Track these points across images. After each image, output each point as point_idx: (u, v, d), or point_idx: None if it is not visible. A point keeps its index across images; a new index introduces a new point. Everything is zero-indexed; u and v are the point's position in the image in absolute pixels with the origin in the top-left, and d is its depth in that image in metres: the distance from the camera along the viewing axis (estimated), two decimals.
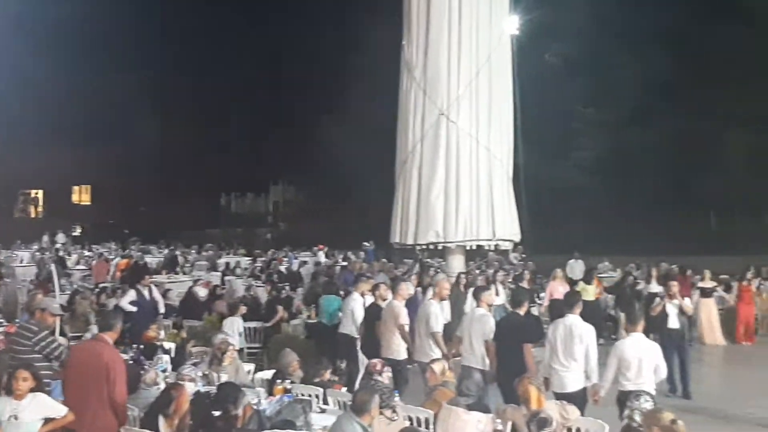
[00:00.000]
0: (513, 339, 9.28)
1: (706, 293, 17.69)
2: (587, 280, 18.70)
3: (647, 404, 7.12)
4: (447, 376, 8.39)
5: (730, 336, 18.04)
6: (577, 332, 8.65)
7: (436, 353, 9.94)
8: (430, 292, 12.49)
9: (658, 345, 8.84)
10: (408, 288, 12.16)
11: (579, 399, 8.33)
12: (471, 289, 12.46)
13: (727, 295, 19.20)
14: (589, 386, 8.51)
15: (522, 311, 9.74)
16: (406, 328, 10.59)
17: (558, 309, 10.40)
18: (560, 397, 8.49)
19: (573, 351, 8.61)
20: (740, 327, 18.05)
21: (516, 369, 8.62)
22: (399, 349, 10.54)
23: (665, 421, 5.93)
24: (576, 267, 23.33)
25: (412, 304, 11.94)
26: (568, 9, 34.92)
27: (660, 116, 35.55)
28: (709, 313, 17.67)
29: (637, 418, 6.87)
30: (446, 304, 13.32)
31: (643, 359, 8.36)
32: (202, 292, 16.96)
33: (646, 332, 8.94)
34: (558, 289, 16.34)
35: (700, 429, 8.91)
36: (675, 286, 13.68)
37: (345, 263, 24.33)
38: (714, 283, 18.42)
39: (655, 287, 17.30)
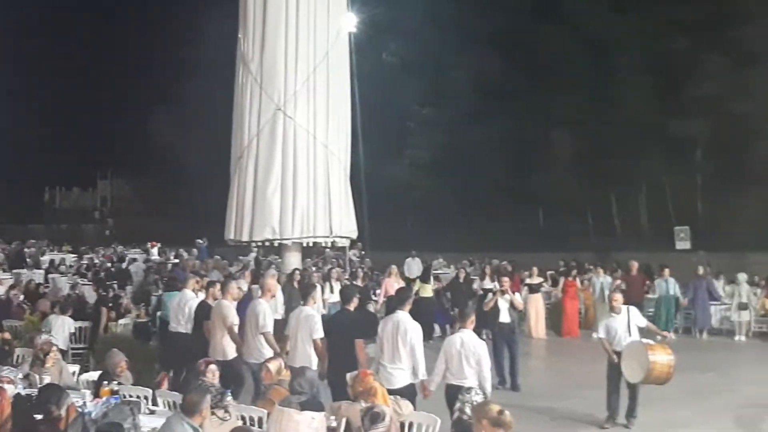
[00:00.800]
0: (344, 335, 9.35)
1: (533, 289, 18.48)
2: (424, 278, 19.14)
3: (478, 397, 7.26)
4: (283, 375, 8.28)
5: (556, 330, 18.90)
6: (403, 328, 8.71)
7: (267, 353, 9.82)
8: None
9: (491, 340, 9.16)
10: (239, 287, 11.98)
11: (407, 395, 8.41)
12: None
13: (554, 290, 20.09)
14: (418, 382, 8.65)
15: (352, 307, 9.83)
16: (236, 329, 10.43)
17: (392, 305, 10.53)
18: (388, 393, 8.49)
19: (399, 347, 8.67)
20: (566, 321, 18.96)
21: (347, 365, 8.70)
22: (227, 350, 10.36)
23: (493, 413, 6.04)
24: (413, 265, 23.84)
25: (247, 303, 11.75)
26: (406, 9, 35.49)
27: (492, 117, 36.40)
28: (537, 308, 18.46)
29: (468, 411, 7.00)
30: (280, 301, 13.23)
31: (468, 356, 8.62)
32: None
33: (481, 327, 9.21)
34: (393, 285, 16.63)
35: (526, 420, 9.24)
36: (506, 282, 14.23)
37: (176, 260, 23.78)
38: (541, 279, 19.28)
39: (488, 283, 17.98)
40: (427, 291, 18.77)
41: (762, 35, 29.96)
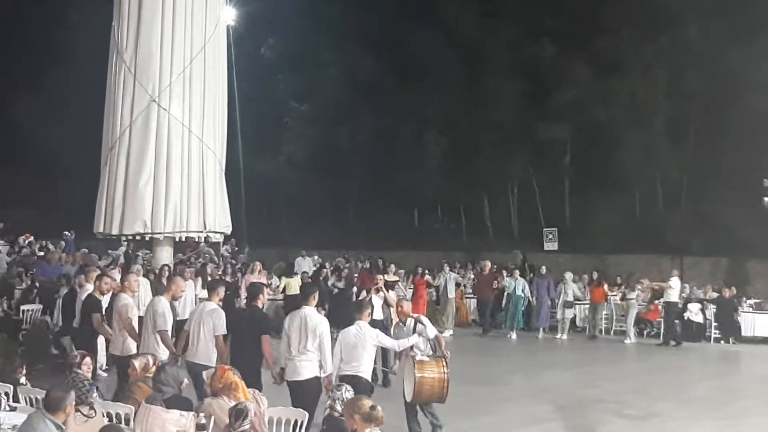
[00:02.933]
0: (249, 331, 9.33)
1: (389, 286, 18.88)
2: (289, 273, 19.31)
3: (348, 393, 7.39)
4: (150, 372, 8.18)
5: None
6: (312, 323, 8.91)
7: (162, 351, 9.71)
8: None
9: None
10: (137, 281, 11.79)
11: (312, 386, 8.76)
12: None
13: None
14: (323, 376, 8.85)
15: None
16: (134, 323, 10.30)
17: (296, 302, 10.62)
18: (294, 384, 8.85)
19: (308, 341, 8.85)
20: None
21: (250, 361, 8.82)
22: (124, 346, 10.18)
23: (365, 408, 6.21)
24: (303, 264, 24.10)
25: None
26: (285, 3, 35.21)
27: (366, 115, 36.66)
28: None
29: (338, 407, 7.12)
30: (143, 298, 12.98)
31: (365, 345, 9.04)
32: None
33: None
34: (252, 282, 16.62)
35: (398, 414, 9.45)
36: (381, 279, 14.54)
37: (42, 253, 22.94)
38: (396, 278, 19.69)
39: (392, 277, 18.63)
40: (293, 287, 19.02)
41: (624, 45, 31.53)
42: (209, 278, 16.52)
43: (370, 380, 9.19)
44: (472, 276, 23.39)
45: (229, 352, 9.33)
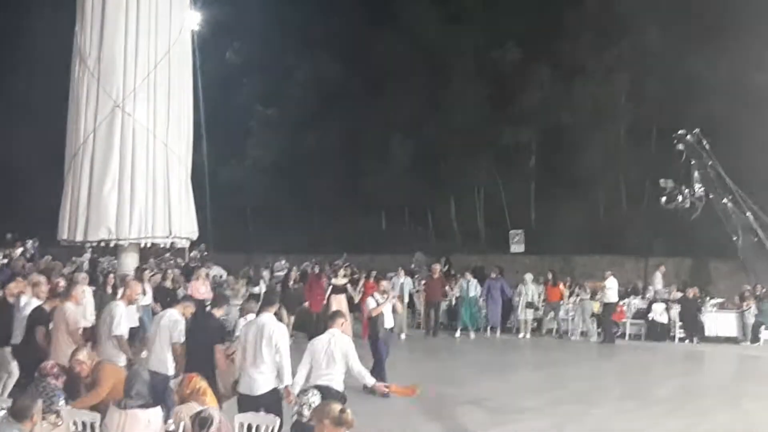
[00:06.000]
0: (202, 340, 9.27)
1: (337, 290, 18.91)
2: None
3: (315, 398, 7.34)
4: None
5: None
6: (268, 332, 8.47)
7: (120, 357, 9.60)
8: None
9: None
10: (83, 290, 11.73)
11: (270, 401, 8.28)
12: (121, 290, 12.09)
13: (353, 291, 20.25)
14: (282, 387, 8.35)
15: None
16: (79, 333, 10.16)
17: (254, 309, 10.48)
18: (249, 400, 8.34)
19: (263, 351, 8.41)
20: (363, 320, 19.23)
21: (205, 370, 8.51)
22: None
23: (334, 412, 6.17)
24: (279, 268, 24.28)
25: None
26: (249, 8, 35.13)
27: (332, 119, 36.64)
28: (340, 308, 18.40)
29: (306, 412, 7.08)
30: (89, 308, 12.83)
31: (335, 355, 8.51)
32: None
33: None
34: (200, 289, 16.60)
35: (371, 415, 9.43)
36: (382, 285, 15.43)
37: (5, 260, 22.56)
38: (346, 281, 19.74)
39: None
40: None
41: (586, 49, 31.89)
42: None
43: (341, 390, 8.47)
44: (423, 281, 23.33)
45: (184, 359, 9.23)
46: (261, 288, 20.96)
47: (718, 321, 21.14)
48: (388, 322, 13.83)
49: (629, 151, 32.15)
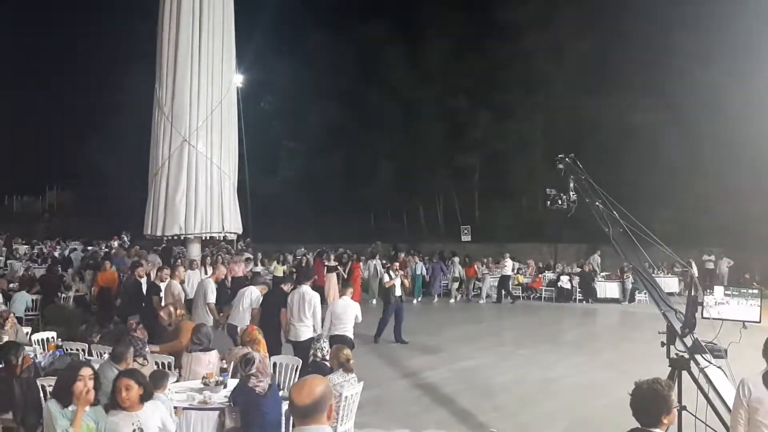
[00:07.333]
0: (272, 306, 9.17)
1: (330, 269, 18.65)
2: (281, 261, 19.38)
3: (325, 344, 7.35)
4: (175, 317, 8.44)
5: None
6: (307, 298, 8.76)
7: (209, 319, 9.59)
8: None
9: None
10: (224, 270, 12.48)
11: (307, 345, 8.38)
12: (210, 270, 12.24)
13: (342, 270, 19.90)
14: (315, 336, 8.49)
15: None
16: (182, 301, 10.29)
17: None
18: (296, 344, 8.65)
19: (305, 311, 8.68)
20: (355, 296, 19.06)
21: (273, 326, 8.74)
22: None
23: (343, 357, 6.26)
24: (299, 254, 24.45)
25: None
26: (277, 71, 35.52)
27: (335, 149, 36.63)
28: (332, 283, 18.11)
29: (319, 354, 7.07)
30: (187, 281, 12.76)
31: (348, 314, 9.09)
32: None
33: None
34: (235, 269, 16.42)
35: (374, 362, 9.45)
36: (397, 264, 15.34)
37: (107, 249, 22.46)
38: (336, 263, 19.34)
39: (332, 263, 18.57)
40: (280, 271, 19.04)
41: (514, 98, 32.11)
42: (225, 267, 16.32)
43: (352, 338, 9.03)
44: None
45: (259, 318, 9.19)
46: (287, 267, 20.81)
47: (606, 287, 21.30)
48: (398, 291, 13.69)
49: (543, 170, 32.19)
